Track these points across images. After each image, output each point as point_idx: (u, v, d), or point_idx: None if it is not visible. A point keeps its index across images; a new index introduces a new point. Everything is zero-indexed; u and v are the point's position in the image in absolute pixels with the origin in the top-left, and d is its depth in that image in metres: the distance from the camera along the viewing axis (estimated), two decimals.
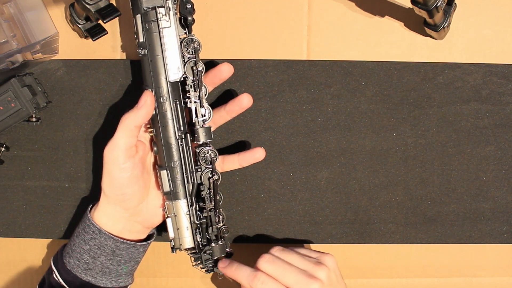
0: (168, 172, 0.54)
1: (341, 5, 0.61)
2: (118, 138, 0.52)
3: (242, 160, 0.59)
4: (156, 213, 0.57)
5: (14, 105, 0.58)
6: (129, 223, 0.56)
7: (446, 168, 0.63)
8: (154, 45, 0.53)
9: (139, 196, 0.55)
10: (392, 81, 0.62)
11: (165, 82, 0.53)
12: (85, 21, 0.58)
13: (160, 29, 0.53)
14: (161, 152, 0.54)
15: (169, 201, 0.55)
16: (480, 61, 0.62)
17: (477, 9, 0.61)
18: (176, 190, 0.55)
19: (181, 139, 0.54)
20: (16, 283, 0.65)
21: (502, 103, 0.62)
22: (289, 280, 0.52)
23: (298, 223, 0.63)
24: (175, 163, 0.54)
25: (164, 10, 0.52)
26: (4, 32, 0.55)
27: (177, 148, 0.54)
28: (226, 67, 0.56)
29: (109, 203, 0.54)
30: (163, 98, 0.53)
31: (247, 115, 0.62)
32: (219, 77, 0.57)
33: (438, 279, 0.64)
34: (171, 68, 0.53)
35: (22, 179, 0.63)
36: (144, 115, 0.52)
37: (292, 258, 0.55)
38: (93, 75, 0.62)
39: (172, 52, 0.53)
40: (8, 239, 0.64)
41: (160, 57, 0.53)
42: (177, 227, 0.55)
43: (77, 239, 0.55)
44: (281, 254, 0.55)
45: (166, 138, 0.54)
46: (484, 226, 0.63)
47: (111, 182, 0.53)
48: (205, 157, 0.55)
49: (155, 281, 0.64)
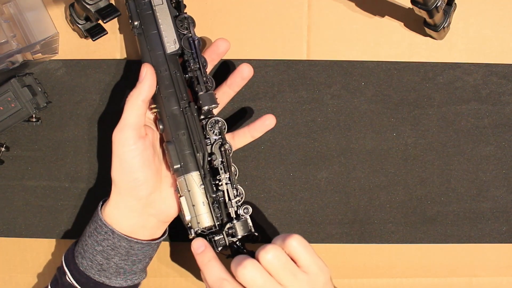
0: (176, 145, 0.53)
1: (341, 5, 0.61)
2: (126, 117, 0.51)
3: (253, 130, 0.57)
4: (171, 204, 0.54)
5: (14, 105, 0.58)
6: (143, 217, 0.53)
7: (446, 168, 0.63)
8: (149, 23, 0.54)
9: (151, 183, 0.52)
10: (392, 81, 0.62)
11: (162, 54, 0.54)
12: (85, 21, 0.58)
13: (153, 7, 0.54)
14: (166, 125, 0.53)
15: (181, 177, 0.53)
16: (480, 61, 0.62)
17: (477, 9, 0.61)
18: (186, 162, 0.52)
19: (185, 108, 0.53)
20: (16, 283, 0.65)
21: (502, 103, 0.62)
22: None
23: (298, 223, 0.63)
24: (182, 134, 0.53)
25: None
26: (4, 32, 0.55)
27: (182, 118, 0.53)
28: (221, 41, 0.56)
29: (121, 195, 0.52)
30: (162, 70, 0.53)
31: (247, 115, 0.62)
32: (216, 52, 0.56)
33: (438, 279, 0.64)
34: (168, 41, 0.54)
35: (22, 179, 0.63)
36: (148, 87, 0.52)
37: (285, 275, 0.48)
38: (93, 75, 0.62)
39: (167, 26, 0.54)
40: (8, 239, 0.64)
41: (155, 33, 0.54)
42: (193, 204, 0.52)
43: (89, 239, 0.54)
44: (274, 264, 0.48)
45: (170, 110, 0.53)
46: (484, 226, 0.63)
47: (121, 167, 0.51)
48: (213, 127, 0.54)
49: (155, 281, 0.64)
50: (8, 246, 0.64)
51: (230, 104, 0.61)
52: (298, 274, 0.49)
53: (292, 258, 0.50)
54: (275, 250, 0.49)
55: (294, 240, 0.49)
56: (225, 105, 0.60)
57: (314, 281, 0.49)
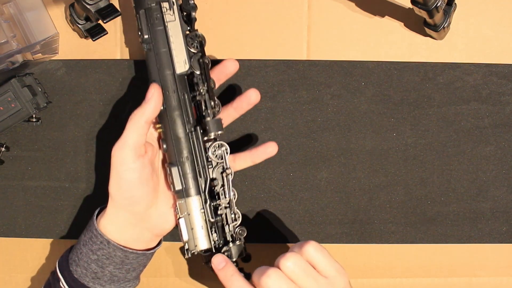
0: (179, 168, 0.53)
1: (341, 5, 0.61)
2: (127, 135, 0.51)
3: (255, 156, 0.57)
4: (166, 219, 0.55)
5: (14, 105, 0.58)
6: (138, 231, 0.54)
7: (446, 168, 0.63)
8: (159, 40, 0.52)
9: (148, 200, 0.53)
10: (392, 81, 0.62)
11: (171, 75, 0.52)
12: (85, 21, 0.58)
13: (165, 22, 0.52)
14: (170, 147, 0.53)
15: (181, 200, 0.53)
16: (480, 61, 0.62)
17: (477, 9, 0.61)
18: (188, 187, 0.53)
19: (191, 132, 0.53)
20: (16, 283, 0.65)
21: (502, 103, 0.62)
22: None
23: (298, 223, 0.63)
24: (186, 158, 0.53)
25: (168, 5, 0.52)
26: (4, 32, 0.55)
27: (187, 142, 0.53)
28: (231, 62, 0.56)
29: (117, 209, 0.53)
30: (170, 91, 0.52)
31: (247, 115, 0.62)
32: (225, 72, 0.56)
33: (438, 279, 0.64)
34: (178, 61, 0.53)
35: (22, 179, 0.63)
36: (153, 108, 0.51)
37: (307, 281, 0.50)
38: (93, 75, 0.62)
39: (178, 46, 0.53)
40: (8, 239, 0.64)
41: (166, 51, 0.52)
42: (191, 227, 0.53)
43: (84, 248, 0.54)
44: (295, 271, 0.49)
45: (175, 133, 0.53)
46: (484, 226, 0.63)
47: (119, 184, 0.52)
48: (216, 151, 0.54)
49: (155, 281, 0.64)
50: (8, 246, 0.64)
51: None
52: (318, 278, 0.50)
53: (311, 263, 0.51)
54: (295, 257, 0.50)
55: (311, 246, 0.51)
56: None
57: (334, 284, 0.51)
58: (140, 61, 0.62)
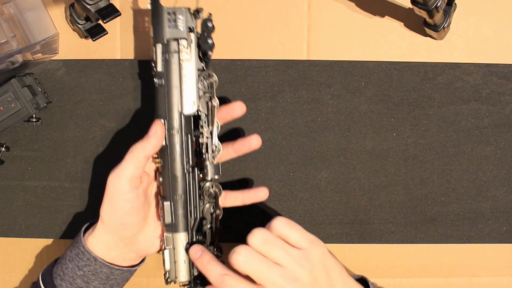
0: (172, 204, 0.53)
1: (341, 5, 0.61)
2: (124, 167, 0.51)
3: (246, 198, 0.58)
4: (153, 244, 0.56)
5: (14, 105, 0.58)
6: (124, 252, 0.55)
7: (446, 168, 0.63)
8: (172, 77, 0.52)
9: (137, 227, 0.54)
10: (392, 81, 0.62)
11: (178, 115, 0.52)
12: (85, 21, 0.58)
13: (181, 61, 0.52)
14: (166, 183, 0.53)
15: (169, 233, 0.54)
16: (480, 61, 0.62)
17: (477, 9, 0.61)
18: (178, 223, 0.54)
19: (188, 173, 0.53)
20: (16, 283, 0.65)
21: (502, 103, 0.62)
22: (266, 283, 0.48)
23: (298, 223, 0.63)
24: (179, 196, 0.53)
25: (186, 43, 0.52)
26: (4, 32, 0.55)
27: (183, 182, 0.53)
28: (239, 105, 0.56)
29: (106, 231, 0.53)
30: (174, 130, 0.52)
31: (247, 115, 0.62)
32: (231, 114, 0.56)
33: (438, 279, 0.64)
34: (187, 101, 0.52)
35: (22, 179, 0.63)
36: (154, 146, 0.51)
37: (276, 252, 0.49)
38: (93, 75, 0.62)
39: (189, 85, 0.52)
40: (8, 239, 0.64)
41: (177, 89, 0.52)
42: (175, 260, 0.54)
43: (70, 263, 0.54)
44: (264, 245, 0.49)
45: (173, 171, 0.53)
46: (484, 226, 0.63)
47: (111, 211, 0.52)
48: (210, 192, 0.54)
49: (155, 281, 0.64)
50: (8, 246, 0.64)
51: None
52: (289, 250, 0.50)
53: (282, 238, 0.50)
54: (261, 231, 0.50)
55: (278, 221, 0.50)
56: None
57: (308, 255, 0.50)
58: (140, 61, 0.62)
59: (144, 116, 0.62)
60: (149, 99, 0.62)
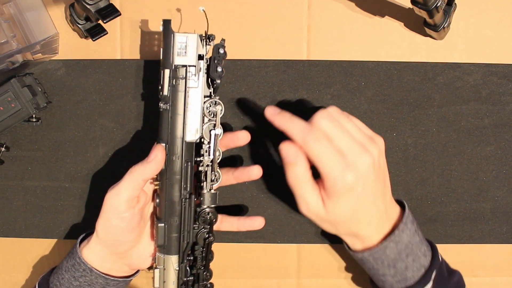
0: (166, 227, 0.54)
1: (341, 5, 0.61)
2: (122, 187, 0.52)
3: (241, 225, 0.58)
4: (145, 260, 0.57)
5: (14, 105, 0.58)
6: (117, 264, 0.56)
7: (446, 168, 0.63)
8: (177, 103, 0.52)
9: (131, 244, 0.55)
10: (392, 81, 0.62)
11: (180, 142, 0.52)
12: (85, 21, 0.58)
13: (187, 88, 0.52)
14: (162, 206, 0.54)
15: (161, 254, 0.55)
16: (480, 61, 0.62)
17: (477, 9, 0.61)
18: (170, 245, 0.54)
19: (185, 198, 0.53)
20: (16, 283, 0.65)
21: (502, 103, 0.62)
22: (343, 145, 0.50)
23: (298, 223, 0.63)
24: (174, 220, 0.54)
25: (195, 70, 0.51)
26: (4, 32, 0.55)
27: (179, 207, 0.53)
28: (244, 134, 0.56)
29: (100, 245, 0.54)
30: (175, 156, 0.52)
31: (247, 116, 0.62)
32: (235, 142, 0.56)
33: None
34: (190, 129, 0.52)
35: (22, 179, 0.63)
36: (153, 170, 0.52)
37: (349, 125, 0.52)
38: (93, 75, 0.62)
39: (194, 114, 0.52)
40: (8, 239, 0.64)
41: (181, 116, 0.52)
42: (164, 280, 0.55)
43: (66, 274, 0.55)
44: (339, 116, 0.52)
45: (170, 195, 0.53)
46: (484, 226, 0.63)
47: (106, 227, 0.53)
48: (205, 218, 0.54)
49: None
50: (8, 246, 0.64)
51: (231, 107, 0.62)
52: (355, 121, 0.53)
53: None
54: (333, 109, 0.53)
55: (332, 110, 0.53)
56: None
57: (374, 140, 0.53)
58: (140, 60, 0.62)
59: (144, 116, 0.62)
60: (149, 99, 0.62)
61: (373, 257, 0.53)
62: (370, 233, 0.53)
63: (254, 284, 0.64)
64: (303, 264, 0.64)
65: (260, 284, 0.64)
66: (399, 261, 0.53)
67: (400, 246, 0.53)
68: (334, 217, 0.52)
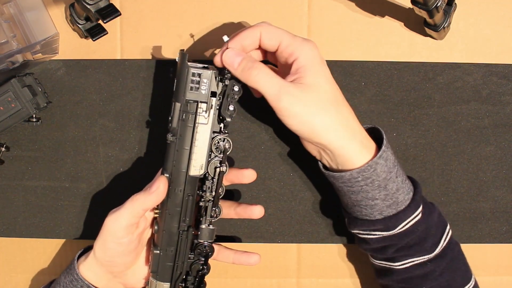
0: (161, 255, 0.54)
1: (341, 5, 0.61)
2: (122, 214, 0.52)
3: (237, 258, 0.59)
4: (139, 281, 0.58)
5: (15, 105, 0.58)
6: (112, 282, 0.56)
7: (446, 168, 0.63)
8: (185, 137, 0.51)
9: (127, 265, 0.55)
10: (392, 81, 0.62)
11: (184, 175, 0.52)
12: (85, 21, 0.58)
13: (196, 123, 0.51)
14: (160, 235, 0.54)
15: (154, 279, 0.55)
16: (480, 61, 0.62)
17: (477, 9, 0.61)
18: (163, 273, 0.55)
19: (183, 230, 0.54)
20: (16, 283, 0.65)
21: (502, 103, 0.62)
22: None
23: (298, 223, 0.63)
24: (170, 251, 0.54)
25: (206, 107, 0.51)
26: (4, 32, 0.55)
27: (176, 237, 0.54)
28: (250, 173, 0.56)
29: (97, 263, 0.55)
30: (177, 189, 0.52)
31: (247, 116, 0.62)
32: (240, 180, 0.56)
33: None
34: (195, 164, 0.52)
35: (22, 179, 0.63)
36: (154, 201, 0.52)
37: None
38: (93, 75, 0.62)
39: (200, 149, 0.52)
40: (8, 239, 0.64)
41: (187, 150, 0.52)
42: None
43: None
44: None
45: (169, 226, 0.53)
46: (484, 226, 0.63)
47: (104, 249, 0.54)
48: (201, 251, 0.55)
49: None
50: (8, 246, 0.64)
51: None
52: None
53: None
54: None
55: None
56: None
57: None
58: (140, 60, 0.62)
59: (144, 116, 0.62)
60: (149, 99, 0.62)
61: (362, 176, 0.50)
62: (348, 147, 0.50)
63: (254, 284, 0.64)
64: (303, 264, 0.64)
65: (260, 284, 0.64)
66: (389, 181, 0.51)
67: (389, 163, 0.50)
68: (302, 94, 0.50)
